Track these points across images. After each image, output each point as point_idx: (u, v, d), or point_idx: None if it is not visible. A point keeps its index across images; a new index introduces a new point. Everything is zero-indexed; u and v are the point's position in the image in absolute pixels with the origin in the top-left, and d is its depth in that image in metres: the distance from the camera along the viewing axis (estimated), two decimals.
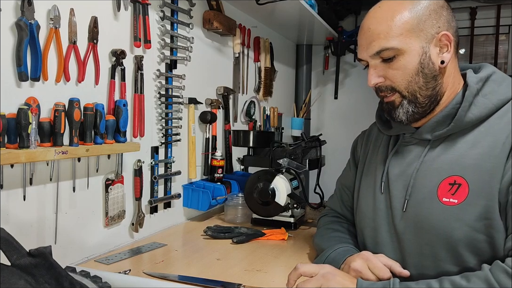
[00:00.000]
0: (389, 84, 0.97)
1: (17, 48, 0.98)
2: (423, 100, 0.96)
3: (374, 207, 1.06)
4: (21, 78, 0.99)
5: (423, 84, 0.95)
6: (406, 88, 0.96)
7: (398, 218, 1.00)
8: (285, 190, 1.54)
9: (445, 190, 0.93)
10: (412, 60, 0.94)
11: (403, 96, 0.97)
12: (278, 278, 1.12)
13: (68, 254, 1.16)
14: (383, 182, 1.05)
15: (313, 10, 2.12)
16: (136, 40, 1.33)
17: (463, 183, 0.91)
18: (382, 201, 1.05)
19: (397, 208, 1.00)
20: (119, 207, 1.31)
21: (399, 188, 1.01)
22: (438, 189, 0.94)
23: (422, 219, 0.95)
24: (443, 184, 0.93)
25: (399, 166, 1.03)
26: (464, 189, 0.91)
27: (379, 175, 1.07)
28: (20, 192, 1.02)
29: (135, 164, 1.37)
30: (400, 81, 0.95)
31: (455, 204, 0.91)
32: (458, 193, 0.91)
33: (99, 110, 1.16)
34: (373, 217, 1.06)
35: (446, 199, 0.92)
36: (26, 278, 0.72)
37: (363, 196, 1.12)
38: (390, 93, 0.98)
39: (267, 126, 2.43)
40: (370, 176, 1.11)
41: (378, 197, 1.06)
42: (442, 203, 0.92)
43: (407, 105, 0.97)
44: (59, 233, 1.12)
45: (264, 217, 1.60)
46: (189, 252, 1.31)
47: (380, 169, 1.08)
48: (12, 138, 0.97)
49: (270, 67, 2.37)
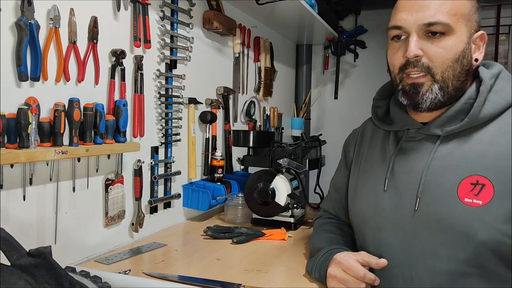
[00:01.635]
0: (426, 61, 0.90)
1: (17, 48, 0.98)
2: (452, 90, 0.92)
3: (376, 206, 1.01)
4: (21, 78, 0.99)
5: (458, 73, 0.91)
6: (442, 72, 0.90)
7: (408, 217, 0.94)
8: (285, 190, 1.54)
9: (467, 190, 0.88)
10: (458, 45, 0.90)
11: (435, 80, 0.91)
12: (278, 278, 1.12)
13: (68, 254, 1.16)
14: (387, 179, 0.99)
15: (313, 10, 2.12)
16: (136, 40, 1.33)
17: (487, 183, 0.86)
18: (386, 199, 0.99)
19: (407, 207, 0.94)
20: (119, 207, 1.31)
21: (407, 186, 0.95)
22: (459, 188, 0.89)
23: (439, 219, 0.90)
24: (464, 183, 0.88)
25: (406, 162, 0.98)
26: (489, 190, 0.86)
27: (381, 172, 1.02)
28: (20, 192, 1.02)
29: (135, 164, 1.37)
30: (439, 61, 0.90)
31: (480, 205, 0.86)
32: (482, 194, 0.86)
33: (99, 110, 1.16)
34: (374, 217, 1.01)
35: (469, 200, 0.87)
36: (26, 278, 0.72)
37: (362, 195, 1.07)
38: (422, 73, 0.91)
39: (267, 126, 2.43)
40: (369, 174, 1.06)
41: (381, 195, 1.00)
42: (464, 204, 0.87)
43: (437, 91, 0.91)
44: (59, 233, 1.12)
45: (264, 217, 1.60)
46: (189, 252, 1.31)
47: (382, 166, 1.02)
48: (12, 138, 0.97)
49: (270, 67, 2.37)
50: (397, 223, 0.96)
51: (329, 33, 2.58)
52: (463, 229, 0.87)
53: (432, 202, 0.91)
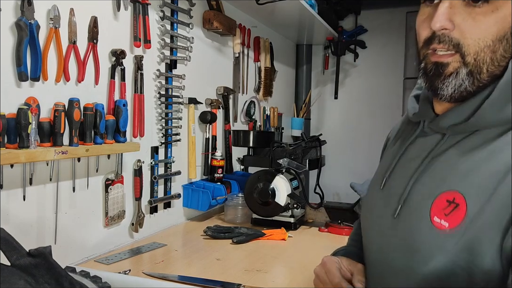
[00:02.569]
0: (456, 37, 0.69)
1: (17, 48, 0.98)
2: (486, 78, 0.71)
3: (371, 203, 0.89)
4: (21, 78, 0.99)
5: (499, 57, 0.69)
6: (476, 53, 0.69)
7: (387, 224, 0.80)
8: (285, 190, 1.54)
9: (441, 207, 0.72)
10: (505, 19, 0.68)
11: (464, 63, 0.70)
12: (278, 278, 1.12)
13: (68, 254, 1.16)
14: (385, 177, 0.86)
15: (313, 10, 2.12)
16: (136, 40, 1.33)
17: (462, 204, 0.69)
18: (379, 198, 0.87)
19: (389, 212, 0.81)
20: (119, 207, 1.31)
21: (397, 188, 0.82)
22: (433, 203, 0.73)
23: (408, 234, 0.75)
24: (440, 198, 0.72)
25: (407, 161, 0.83)
26: (461, 213, 0.69)
27: (385, 168, 0.88)
28: (20, 192, 1.02)
29: (135, 164, 1.37)
30: (474, 39, 0.69)
31: (445, 228, 0.70)
32: (452, 216, 0.70)
33: (99, 110, 1.16)
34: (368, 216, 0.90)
35: (438, 220, 0.71)
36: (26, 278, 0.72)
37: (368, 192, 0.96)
38: (449, 51, 0.71)
39: (267, 126, 2.43)
40: (380, 168, 0.94)
41: (377, 193, 0.88)
42: (432, 223, 0.72)
43: (465, 77, 0.70)
44: (59, 233, 1.12)
45: (264, 217, 1.60)
46: (189, 252, 1.31)
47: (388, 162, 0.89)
48: (12, 138, 0.97)
49: (270, 67, 2.37)
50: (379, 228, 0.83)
51: (329, 33, 2.58)
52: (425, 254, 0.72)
53: (408, 214, 0.77)
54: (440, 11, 0.69)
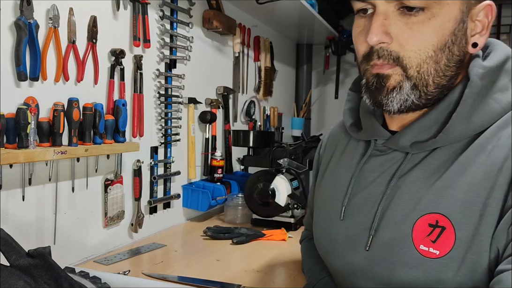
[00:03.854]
0: (396, 50, 0.64)
1: (16, 48, 0.97)
2: (433, 90, 0.66)
3: (331, 236, 0.79)
4: (20, 78, 0.98)
5: (443, 67, 0.65)
6: (418, 66, 0.64)
7: (358, 258, 0.72)
8: (285, 191, 1.53)
9: (424, 234, 0.64)
10: (444, 25, 0.62)
11: (407, 76, 0.65)
12: (278, 279, 1.12)
13: (67, 255, 1.15)
14: (344, 206, 0.76)
15: (313, 9, 2.12)
16: (135, 40, 1.32)
17: (448, 226, 0.63)
18: (340, 230, 0.76)
19: (359, 244, 0.72)
20: (118, 207, 1.31)
21: (362, 218, 0.73)
22: (414, 230, 0.65)
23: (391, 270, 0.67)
24: (420, 223, 0.65)
25: (367, 185, 0.74)
26: (449, 236, 0.62)
27: (339, 196, 0.78)
28: (19, 192, 1.02)
29: (134, 164, 1.37)
30: (415, 50, 0.63)
31: (436, 256, 0.63)
32: (440, 241, 0.63)
33: (98, 110, 1.15)
34: (329, 249, 0.80)
35: (425, 248, 0.64)
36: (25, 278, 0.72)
37: (318, 220, 0.85)
38: (390, 64, 0.65)
39: (267, 126, 2.42)
40: (328, 193, 0.83)
41: (336, 224, 0.78)
42: (419, 253, 0.64)
43: (410, 91, 0.65)
44: (58, 233, 1.12)
45: (264, 217, 1.59)
46: (188, 253, 1.30)
47: (341, 187, 0.79)
48: (11, 138, 0.97)
49: (270, 67, 2.36)
50: (348, 262, 0.74)
51: (329, 32, 2.58)
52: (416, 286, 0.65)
53: (385, 244, 0.68)
54: (374, 24, 0.64)
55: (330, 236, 0.79)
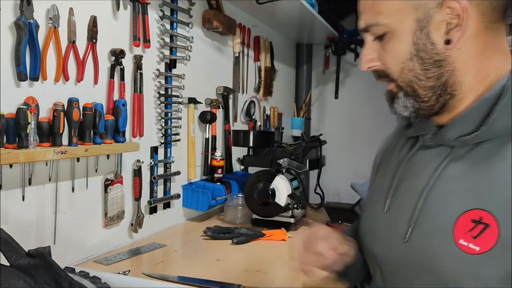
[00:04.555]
0: (382, 68, 0.76)
1: (16, 48, 0.97)
2: (423, 92, 0.73)
3: (372, 229, 0.84)
4: (20, 78, 0.98)
5: (420, 72, 0.72)
6: (400, 77, 0.74)
7: (397, 248, 0.75)
8: (285, 190, 1.53)
9: (466, 229, 0.66)
10: (403, 40, 0.72)
11: (398, 87, 0.75)
12: (278, 279, 1.12)
13: (67, 255, 1.15)
14: (388, 198, 0.80)
15: (313, 9, 2.12)
16: (135, 40, 1.32)
17: (492, 223, 0.64)
18: (382, 221, 0.81)
19: (398, 235, 0.75)
20: (118, 207, 1.31)
21: (404, 210, 0.76)
22: (456, 224, 0.67)
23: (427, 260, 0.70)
24: (463, 219, 0.67)
25: (412, 177, 0.78)
26: (493, 233, 0.63)
27: (385, 189, 0.82)
28: (19, 192, 1.02)
29: (134, 164, 1.37)
30: (392, 66, 0.74)
31: (476, 252, 0.64)
32: (482, 237, 0.64)
33: (98, 110, 1.15)
34: (370, 242, 0.84)
35: (464, 243, 0.66)
36: (25, 278, 0.72)
37: (364, 214, 0.90)
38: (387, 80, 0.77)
39: (267, 126, 2.42)
40: (376, 189, 0.88)
41: (379, 216, 0.82)
42: (458, 247, 0.66)
43: (404, 99, 0.75)
44: (58, 233, 1.12)
45: (264, 217, 1.59)
46: (188, 253, 1.30)
47: (388, 181, 0.83)
48: (11, 138, 0.97)
49: (270, 67, 2.36)
50: (387, 252, 0.78)
51: (329, 32, 2.58)
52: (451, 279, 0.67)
53: (425, 236, 0.71)
54: (362, 55, 0.77)
55: (372, 228, 0.84)
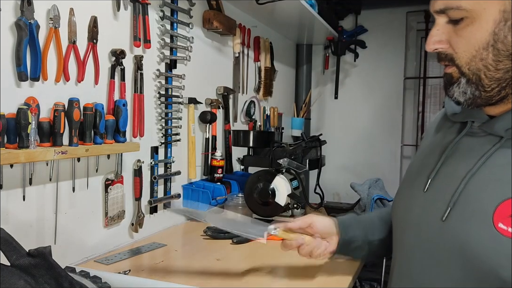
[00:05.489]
0: (450, 52, 0.76)
1: (17, 48, 0.97)
2: (488, 83, 0.73)
3: (407, 207, 0.86)
4: (21, 78, 0.99)
5: (492, 62, 0.72)
6: (468, 64, 0.74)
7: (433, 226, 0.78)
8: (285, 190, 1.54)
9: (506, 214, 0.69)
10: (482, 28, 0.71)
11: (462, 73, 0.75)
12: (278, 279, 1.12)
13: (67, 254, 1.15)
14: (430, 179, 0.82)
15: (313, 9, 2.12)
16: (135, 40, 1.33)
17: None
18: (420, 201, 0.83)
19: (436, 214, 0.78)
20: (118, 207, 1.31)
21: (444, 190, 0.78)
22: (497, 209, 0.70)
23: (463, 240, 0.73)
24: (505, 205, 0.70)
25: (455, 162, 0.80)
26: None
27: (427, 170, 0.84)
28: (19, 192, 1.02)
29: (134, 164, 1.37)
30: (462, 52, 0.74)
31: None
32: None
33: (99, 110, 1.16)
34: (403, 221, 0.86)
35: (503, 226, 0.69)
36: (25, 278, 0.72)
37: (399, 191, 0.93)
38: (449, 64, 0.77)
39: (267, 126, 2.43)
40: (415, 168, 0.91)
41: (417, 195, 0.84)
42: (496, 229, 0.69)
43: (465, 85, 0.75)
44: (58, 233, 1.12)
45: (264, 217, 1.60)
46: (189, 253, 1.31)
47: (430, 163, 0.85)
48: (12, 138, 0.97)
49: (270, 67, 2.36)
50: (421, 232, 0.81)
51: (329, 32, 2.58)
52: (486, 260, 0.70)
53: (463, 218, 0.74)
54: (429, 36, 0.76)
55: (407, 206, 0.86)
